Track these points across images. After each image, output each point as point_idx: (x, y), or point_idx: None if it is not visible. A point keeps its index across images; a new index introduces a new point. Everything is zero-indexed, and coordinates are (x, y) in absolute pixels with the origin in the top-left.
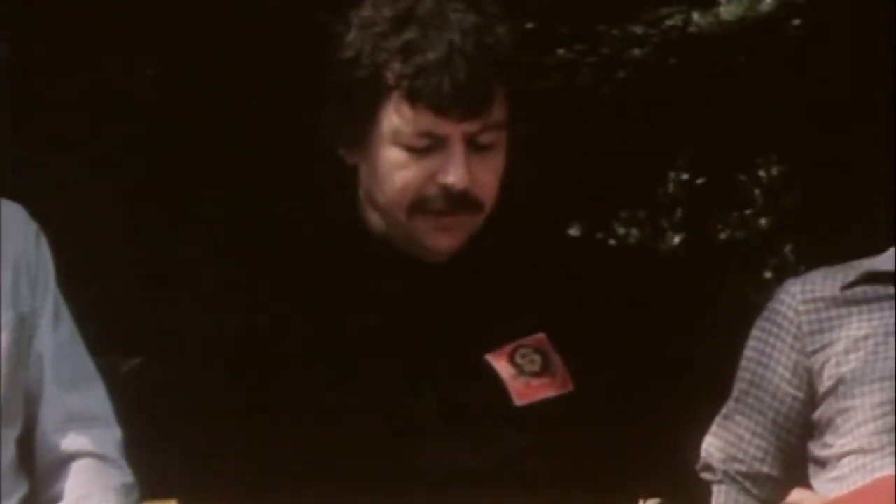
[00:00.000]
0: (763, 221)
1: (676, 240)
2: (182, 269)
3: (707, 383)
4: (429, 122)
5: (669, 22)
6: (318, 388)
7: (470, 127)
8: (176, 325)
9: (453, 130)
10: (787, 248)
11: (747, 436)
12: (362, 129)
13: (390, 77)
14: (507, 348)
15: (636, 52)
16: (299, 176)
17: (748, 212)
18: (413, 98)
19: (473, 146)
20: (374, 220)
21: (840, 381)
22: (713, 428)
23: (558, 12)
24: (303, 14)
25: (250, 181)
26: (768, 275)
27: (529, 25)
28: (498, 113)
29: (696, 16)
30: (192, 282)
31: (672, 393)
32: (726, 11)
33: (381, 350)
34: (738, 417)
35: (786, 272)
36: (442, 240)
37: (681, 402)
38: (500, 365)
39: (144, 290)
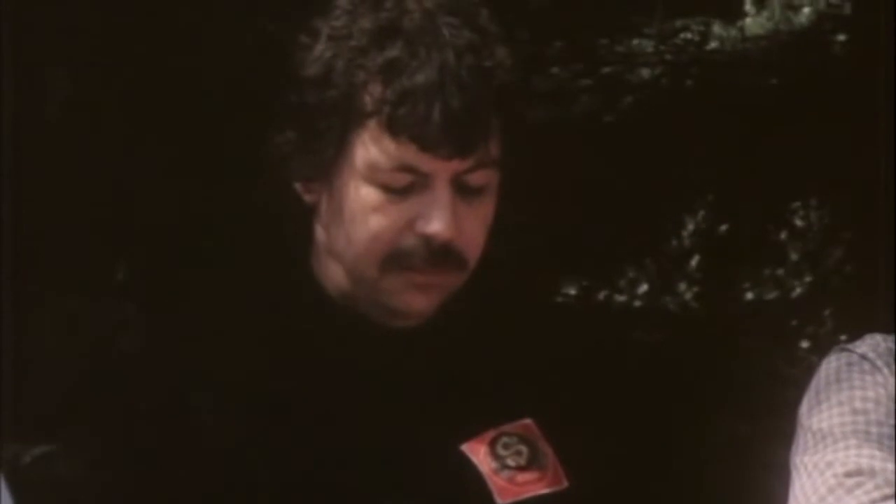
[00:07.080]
0: (799, 280)
1: (691, 300)
2: (95, 329)
3: (734, 474)
4: (412, 155)
5: (685, 36)
6: (253, 487)
7: (460, 165)
8: (85, 403)
9: (440, 168)
10: (827, 313)
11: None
12: (327, 160)
13: (368, 101)
14: (487, 436)
15: (644, 72)
16: (235, 215)
17: (780, 270)
18: (395, 129)
19: (461, 188)
20: (333, 273)
21: None
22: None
23: (550, 24)
24: (251, 20)
25: (172, 216)
26: (805, 344)
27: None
28: (492, 149)
29: (716, 28)
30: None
31: (690, 488)
32: (754, 23)
33: (331, 438)
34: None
35: (826, 342)
36: (417, 300)
37: (702, 498)
38: (479, 457)
39: (44, 356)
